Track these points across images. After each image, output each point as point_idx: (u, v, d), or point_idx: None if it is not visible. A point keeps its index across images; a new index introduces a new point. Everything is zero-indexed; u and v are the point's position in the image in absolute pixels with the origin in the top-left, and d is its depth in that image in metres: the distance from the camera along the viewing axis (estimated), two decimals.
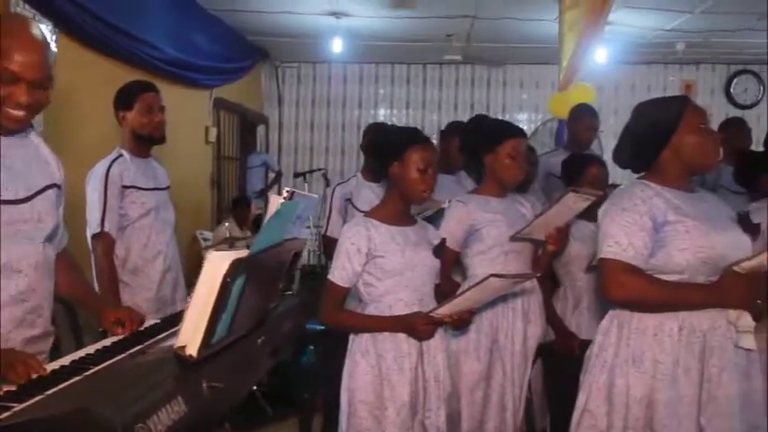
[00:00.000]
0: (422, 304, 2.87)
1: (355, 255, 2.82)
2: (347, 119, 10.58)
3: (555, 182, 4.84)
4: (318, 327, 3.40)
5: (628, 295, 2.44)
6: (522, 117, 10.31)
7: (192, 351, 1.61)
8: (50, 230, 2.20)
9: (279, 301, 2.37)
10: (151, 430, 1.35)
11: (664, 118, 2.53)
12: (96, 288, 3.33)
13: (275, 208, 1.81)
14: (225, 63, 8.26)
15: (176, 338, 1.66)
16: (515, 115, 10.26)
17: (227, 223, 7.56)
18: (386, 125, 5.35)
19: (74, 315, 3.37)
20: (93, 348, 1.99)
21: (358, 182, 4.50)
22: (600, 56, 7.54)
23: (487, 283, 2.63)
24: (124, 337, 2.17)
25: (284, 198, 1.83)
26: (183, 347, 1.63)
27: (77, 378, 1.65)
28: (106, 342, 2.09)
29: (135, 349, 1.94)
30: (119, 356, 1.86)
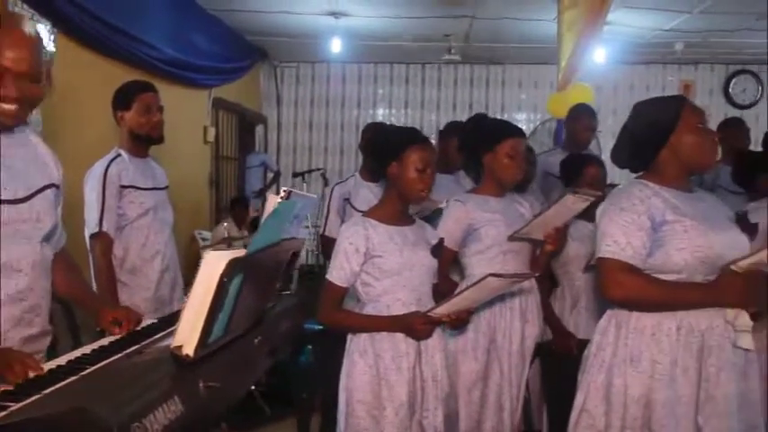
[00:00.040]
0: (420, 304, 2.87)
1: (353, 254, 2.82)
2: (346, 119, 10.58)
3: (553, 181, 4.84)
4: (317, 326, 3.41)
5: (626, 295, 2.44)
6: (521, 117, 10.30)
7: (189, 351, 1.61)
8: (48, 230, 2.21)
9: (276, 301, 2.36)
10: (147, 430, 1.35)
11: (662, 118, 2.54)
12: (94, 288, 3.34)
13: (272, 208, 1.81)
14: (224, 63, 8.25)
15: (173, 338, 1.66)
16: (514, 115, 10.25)
17: (225, 223, 7.56)
18: (384, 125, 5.36)
19: (71, 314, 3.38)
20: (89, 348, 1.99)
21: (356, 182, 4.50)
22: (598, 56, 7.54)
23: (485, 283, 2.64)
24: (121, 336, 2.17)
25: (281, 198, 1.83)
26: (180, 347, 1.63)
27: (74, 378, 1.65)
28: (103, 342, 2.09)
29: (132, 349, 1.94)
30: (115, 356, 1.86)
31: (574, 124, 5.27)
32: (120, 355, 1.87)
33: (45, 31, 4.61)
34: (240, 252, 1.67)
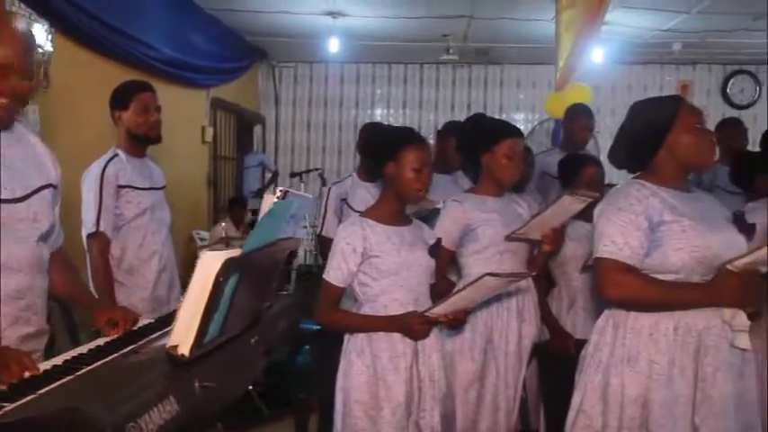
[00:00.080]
0: (417, 304, 2.87)
1: (351, 254, 2.82)
2: (344, 119, 10.57)
3: (550, 181, 4.84)
4: (314, 326, 3.40)
5: (623, 295, 2.44)
6: (519, 117, 10.30)
7: (185, 351, 1.61)
8: (46, 230, 2.21)
9: (273, 301, 2.36)
10: (142, 430, 1.34)
11: (659, 117, 2.53)
12: (92, 288, 3.33)
13: (268, 207, 1.81)
14: (222, 63, 8.24)
15: (169, 338, 1.66)
16: (512, 115, 10.25)
17: (223, 223, 7.54)
18: (381, 125, 5.36)
19: (69, 313, 3.37)
20: (86, 348, 1.99)
21: (353, 182, 4.50)
22: (596, 56, 7.54)
23: (483, 282, 2.63)
24: (118, 336, 2.17)
25: (277, 198, 1.83)
26: (176, 347, 1.63)
27: (69, 378, 1.65)
28: (99, 342, 2.09)
29: (128, 349, 1.94)
30: (111, 356, 1.85)
31: (571, 124, 5.27)
32: (116, 355, 1.87)
33: (42, 30, 4.60)
34: (236, 252, 1.66)
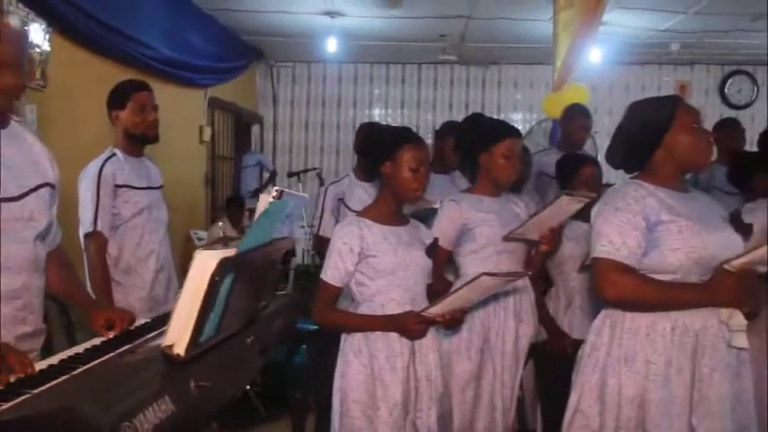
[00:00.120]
0: (414, 304, 2.86)
1: (347, 254, 2.82)
2: (342, 119, 10.57)
3: (547, 181, 4.84)
4: (311, 326, 3.40)
5: (621, 294, 2.43)
6: (517, 117, 10.30)
7: (180, 350, 1.61)
8: (42, 229, 2.20)
9: (269, 301, 2.36)
10: (137, 429, 1.34)
11: (656, 117, 2.53)
12: (89, 287, 3.33)
13: (264, 207, 1.81)
14: (219, 62, 8.24)
15: (164, 338, 1.66)
16: (510, 115, 10.24)
17: (220, 223, 7.54)
18: (378, 124, 5.35)
19: (66, 313, 3.37)
20: (82, 348, 1.98)
21: (350, 181, 4.50)
22: (594, 56, 7.55)
23: (479, 282, 2.63)
24: (114, 336, 2.17)
25: (273, 197, 1.83)
26: (171, 346, 1.63)
27: (65, 377, 1.64)
28: (96, 341, 2.09)
29: (124, 348, 1.93)
30: (107, 355, 1.85)
31: (568, 124, 5.27)
32: (112, 355, 1.87)
33: (40, 30, 4.60)
34: (231, 251, 1.66)
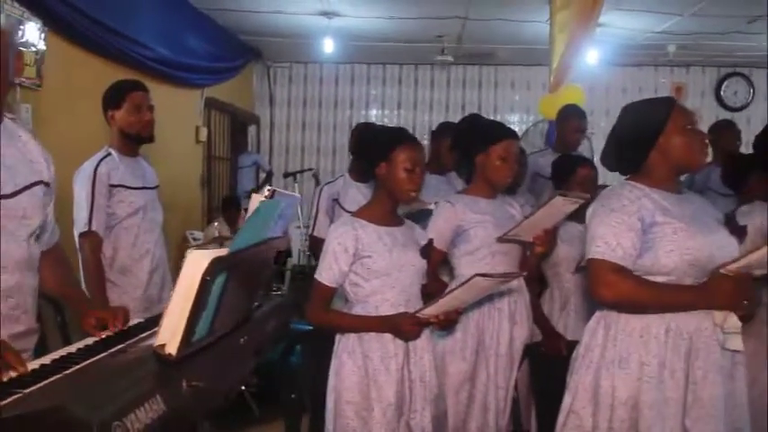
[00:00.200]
0: (408, 305, 2.86)
1: (342, 254, 2.82)
2: (339, 119, 10.57)
3: (542, 182, 4.84)
4: (306, 326, 3.39)
5: (616, 295, 2.43)
6: (514, 118, 10.31)
7: (172, 350, 1.60)
8: (36, 227, 2.19)
9: (263, 301, 2.36)
10: (128, 429, 1.34)
11: (651, 119, 2.53)
12: (83, 287, 3.32)
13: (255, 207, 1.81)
14: (216, 62, 8.24)
15: (156, 337, 1.65)
16: (506, 116, 10.26)
17: (216, 223, 7.54)
18: (373, 125, 5.35)
19: (61, 312, 3.36)
20: (75, 347, 1.98)
21: (345, 182, 4.49)
22: (591, 57, 7.56)
23: (474, 283, 2.63)
24: (107, 335, 2.16)
25: (265, 197, 1.83)
26: (163, 346, 1.62)
27: (57, 376, 1.64)
28: (89, 341, 2.08)
29: (116, 348, 1.93)
30: (99, 355, 1.85)
31: (563, 125, 5.27)
32: (105, 355, 1.86)
33: (36, 29, 4.60)
34: (223, 251, 1.66)
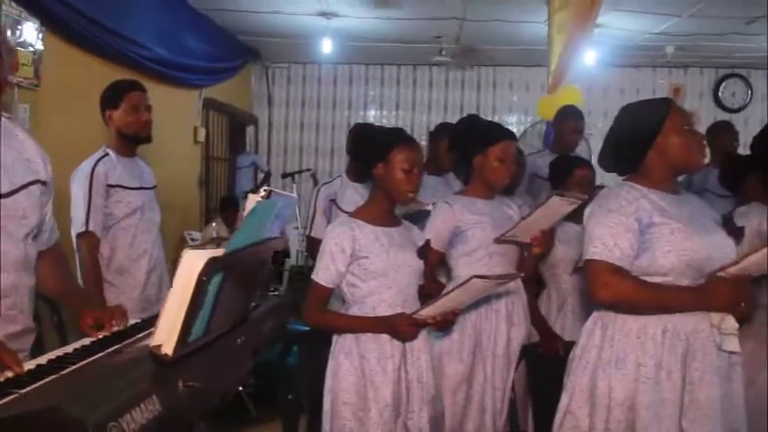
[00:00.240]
0: (406, 306, 2.86)
1: (339, 255, 2.81)
2: (337, 120, 10.56)
3: (540, 183, 4.84)
4: (304, 327, 3.39)
5: (613, 296, 2.43)
6: (512, 119, 10.31)
7: (168, 350, 1.60)
8: (33, 227, 2.18)
9: (260, 301, 2.36)
10: (124, 429, 1.33)
11: (648, 120, 2.54)
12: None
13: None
14: (214, 63, 8.23)
15: (152, 337, 1.65)
16: (505, 117, 10.25)
17: (214, 224, 7.53)
18: (370, 125, 5.33)
19: (57, 312, 3.36)
20: (71, 347, 1.98)
21: (342, 182, 4.49)
22: (589, 58, 7.56)
23: (471, 284, 2.63)
24: (104, 336, 2.16)
25: (261, 197, 1.83)
26: (159, 347, 1.62)
27: (53, 377, 1.63)
28: (85, 341, 2.08)
29: (112, 348, 1.93)
30: (96, 356, 1.84)
31: (561, 126, 5.27)
32: (101, 355, 1.86)
33: (33, 29, 4.59)
34: (219, 251, 1.66)
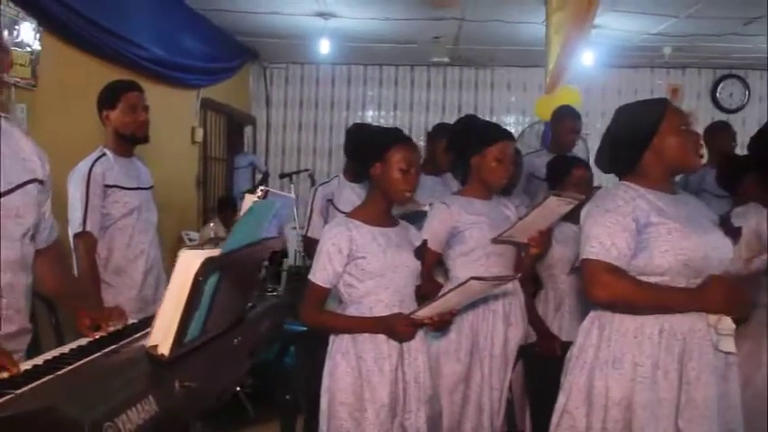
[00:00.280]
0: (403, 306, 2.86)
1: (336, 255, 2.81)
2: (335, 120, 10.55)
3: (537, 183, 4.85)
4: (301, 327, 3.39)
5: (610, 296, 2.43)
6: (510, 119, 10.30)
7: (164, 350, 1.60)
8: (30, 226, 2.17)
9: (257, 301, 2.36)
10: (120, 429, 1.33)
11: (644, 120, 2.54)
12: None
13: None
14: (212, 63, 8.21)
15: (149, 338, 1.65)
16: (503, 117, 10.24)
17: (212, 224, 7.52)
18: (367, 125, 5.33)
19: (55, 312, 3.36)
20: (68, 348, 1.97)
21: (339, 182, 4.49)
22: (587, 59, 7.55)
23: (468, 286, 2.63)
24: (101, 336, 2.16)
25: (258, 197, 1.83)
26: (156, 347, 1.62)
27: (49, 377, 1.63)
28: (82, 341, 2.08)
29: (109, 349, 1.93)
30: (92, 356, 1.84)
31: (557, 126, 5.28)
32: (98, 355, 1.86)
33: (31, 29, 4.59)
34: (216, 251, 1.66)
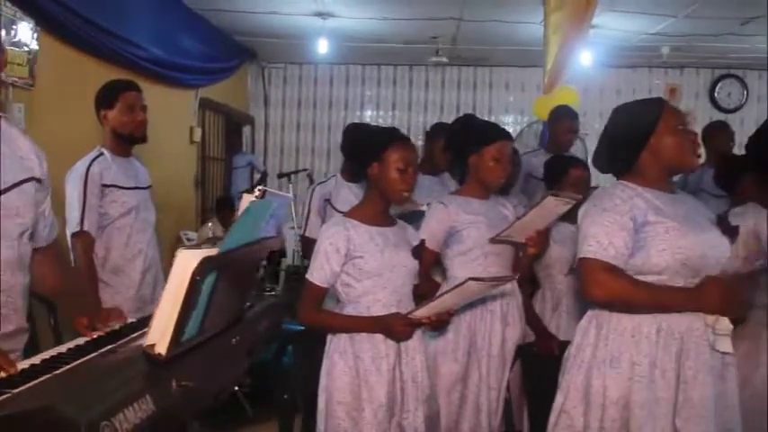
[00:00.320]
0: (400, 305, 2.86)
1: (334, 255, 2.81)
2: (333, 120, 10.55)
3: (535, 183, 4.85)
4: (299, 327, 3.39)
5: (607, 295, 2.43)
6: (508, 119, 10.31)
7: (161, 350, 1.60)
8: (28, 225, 2.17)
9: (255, 301, 2.35)
10: (117, 429, 1.33)
11: (641, 120, 2.54)
12: None
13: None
14: (210, 63, 8.21)
15: (146, 337, 1.65)
16: (501, 117, 10.25)
17: (210, 224, 7.52)
18: (365, 125, 5.33)
19: (53, 312, 3.35)
20: (65, 347, 1.97)
21: (337, 182, 4.48)
22: (585, 59, 7.56)
23: (466, 287, 2.63)
24: (98, 336, 2.15)
25: (255, 197, 1.83)
26: (153, 346, 1.62)
27: (46, 376, 1.63)
28: (80, 341, 2.07)
29: (106, 348, 1.92)
30: (90, 355, 1.84)
31: (555, 126, 5.28)
32: (95, 355, 1.86)
33: (28, 29, 4.58)
34: (213, 250, 1.66)
